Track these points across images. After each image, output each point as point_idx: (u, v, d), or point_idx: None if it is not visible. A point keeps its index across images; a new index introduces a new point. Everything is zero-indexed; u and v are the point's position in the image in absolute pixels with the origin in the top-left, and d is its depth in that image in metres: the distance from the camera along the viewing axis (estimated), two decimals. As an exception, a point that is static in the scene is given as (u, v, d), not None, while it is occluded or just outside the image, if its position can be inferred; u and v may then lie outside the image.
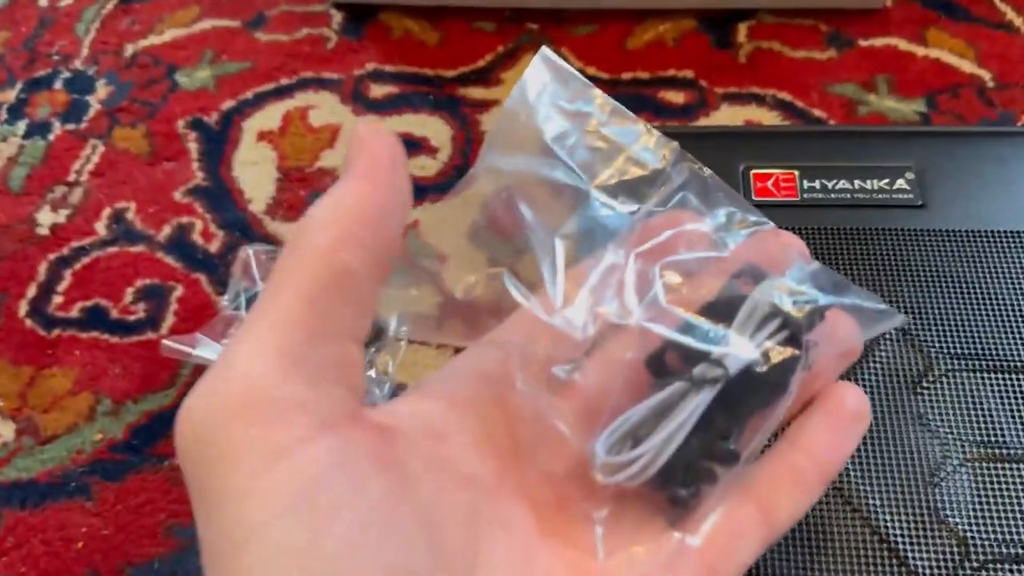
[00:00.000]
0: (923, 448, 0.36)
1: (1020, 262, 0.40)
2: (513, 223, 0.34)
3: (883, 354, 0.38)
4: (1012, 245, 0.41)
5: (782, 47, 0.60)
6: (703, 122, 0.57)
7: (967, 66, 0.58)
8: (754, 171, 0.44)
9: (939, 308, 0.39)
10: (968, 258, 0.41)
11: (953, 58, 0.59)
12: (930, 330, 0.39)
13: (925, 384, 0.37)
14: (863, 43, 0.60)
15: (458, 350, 0.34)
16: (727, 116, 0.57)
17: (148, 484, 0.46)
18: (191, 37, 0.64)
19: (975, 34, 0.60)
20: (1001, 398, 0.37)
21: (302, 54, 0.63)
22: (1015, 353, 0.38)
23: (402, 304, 0.50)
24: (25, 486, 0.46)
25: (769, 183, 0.43)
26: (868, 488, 0.35)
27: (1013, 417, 0.37)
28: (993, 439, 0.36)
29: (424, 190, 0.55)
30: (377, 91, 0.60)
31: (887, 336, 0.38)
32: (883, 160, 0.44)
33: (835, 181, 0.43)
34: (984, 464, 0.36)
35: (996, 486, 0.35)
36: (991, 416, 0.37)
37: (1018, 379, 0.37)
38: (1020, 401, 0.37)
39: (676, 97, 0.58)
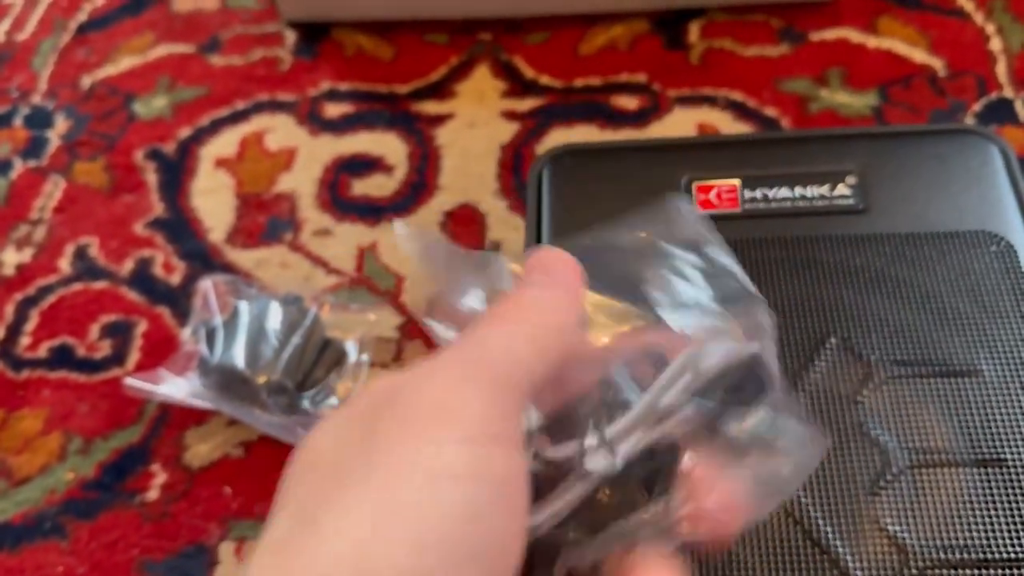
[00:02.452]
0: (863, 457, 0.36)
1: (960, 264, 0.41)
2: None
3: (823, 363, 0.38)
4: (952, 247, 0.41)
5: (734, 45, 0.60)
6: (655, 127, 0.57)
7: (919, 55, 0.58)
8: (696, 183, 0.44)
9: (879, 314, 0.40)
10: (909, 262, 0.41)
11: (905, 47, 0.59)
12: (870, 337, 0.39)
13: (866, 392, 0.38)
14: (815, 36, 0.60)
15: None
16: (680, 119, 0.57)
17: (120, 521, 0.47)
18: (147, 65, 0.64)
19: (927, 21, 0.60)
20: (942, 404, 0.38)
21: (257, 77, 0.63)
22: (956, 358, 0.38)
23: (362, 328, 0.51)
24: (1, 529, 0.47)
25: (711, 195, 0.44)
26: (808, 499, 0.35)
27: (954, 423, 0.37)
28: (934, 445, 0.37)
29: (381, 210, 0.56)
30: (332, 111, 0.61)
31: (827, 345, 0.39)
32: (825, 164, 0.44)
33: (777, 189, 0.43)
34: (924, 471, 0.36)
35: (936, 493, 0.36)
36: (933, 422, 0.37)
37: (959, 384, 0.38)
38: (961, 406, 0.37)
39: (629, 102, 0.58)
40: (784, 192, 0.43)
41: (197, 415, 0.49)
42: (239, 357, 0.47)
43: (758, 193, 0.43)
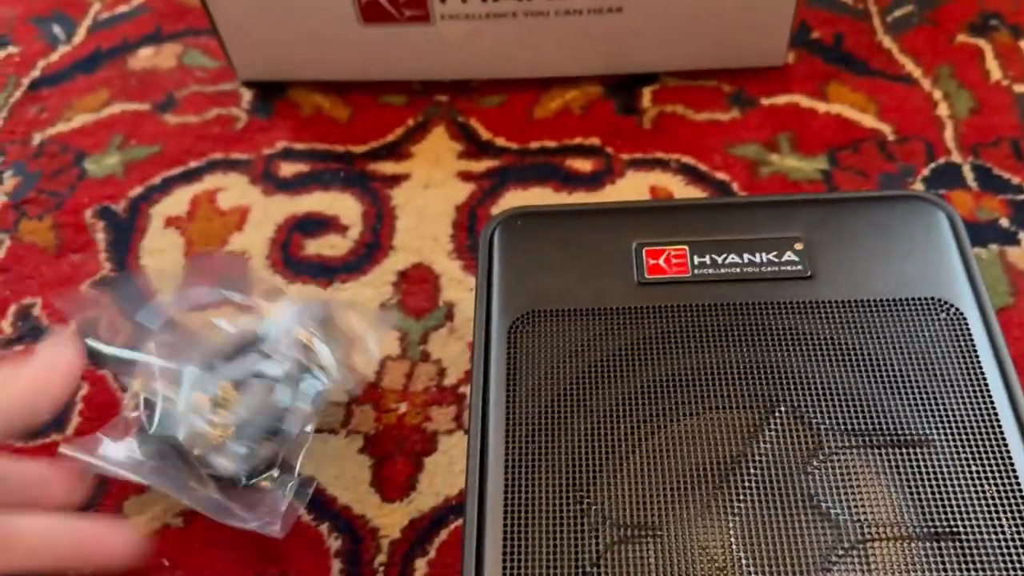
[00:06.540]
0: (814, 530, 0.36)
1: (909, 331, 0.41)
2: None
3: (771, 433, 0.38)
4: (901, 314, 0.41)
5: (685, 110, 0.61)
6: (609, 189, 0.57)
7: (868, 120, 0.59)
8: (646, 248, 0.44)
9: (829, 382, 0.39)
10: (858, 329, 0.41)
11: (854, 112, 0.60)
12: (820, 405, 0.39)
13: (816, 462, 0.37)
14: (765, 101, 0.61)
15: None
16: (633, 182, 0.57)
17: (52, 595, 0.45)
18: (100, 122, 0.64)
19: (875, 87, 0.61)
20: (895, 474, 0.37)
21: (211, 135, 0.62)
22: (907, 427, 0.38)
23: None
24: (-75, 604, 0.45)
25: (661, 260, 0.43)
26: (758, 574, 0.35)
27: (907, 494, 0.37)
28: (886, 518, 0.36)
29: (334, 270, 0.55)
30: (287, 170, 0.60)
31: (776, 414, 0.38)
32: (773, 231, 0.44)
33: (725, 255, 0.43)
34: (878, 545, 0.36)
35: (889, 568, 0.35)
36: (885, 494, 0.37)
37: (911, 454, 0.38)
38: (913, 477, 0.37)
39: (583, 165, 0.59)
40: (732, 258, 0.43)
41: (137, 483, 0.47)
42: (173, 426, 0.45)
43: (707, 259, 0.43)
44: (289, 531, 0.45)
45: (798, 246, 0.43)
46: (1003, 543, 0.35)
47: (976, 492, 0.36)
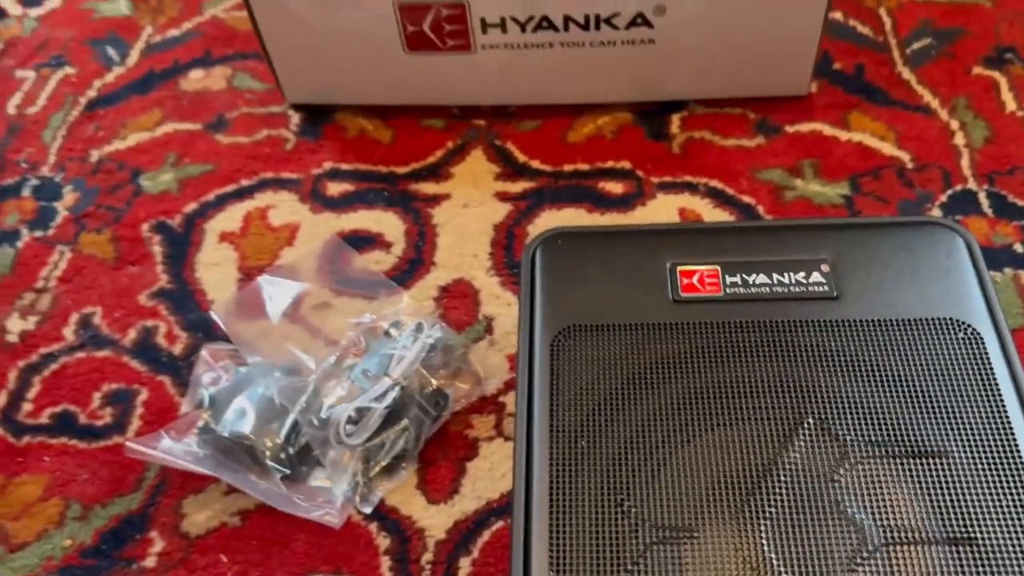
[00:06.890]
0: (840, 535, 0.38)
1: (929, 350, 0.43)
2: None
3: (799, 443, 0.40)
4: (922, 333, 0.44)
5: (713, 136, 0.64)
6: (640, 211, 0.60)
7: (888, 148, 0.62)
8: (680, 268, 0.47)
9: (854, 397, 0.42)
10: (882, 347, 0.43)
11: (874, 141, 0.63)
12: (846, 418, 0.41)
13: (842, 471, 0.40)
14: (789, 129, 0.64)
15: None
16: (662, 204, 0.60)
17: (116, 588, 0.48)
18: (154, 141, 0.67)
19: (894, 117, 0.64)
20: (915, 483, 0.40)
21: (262, 155, 0.65)
22: (927, 439, 0.41)
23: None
24: (-4, 594, 0.48)
25: (694, 279, 0.46)
26: (788, 574, 0.37)
27: (927, 502, 0.39)
28: (908, 524, 0.39)
29: (380, 285, 0.58)
30: (334, 189, 0.63)
31: (805, 425, 0.41)
32: (801, 253, 0.47)
33: (755, 275, 0.46)
34: (898, 549, 0.38)
35: (910, 571, 0.37)
36: (906, 501, 0.39)
37: (931, 464, 0.40)
38: (933, 486, 0.40)
39: (615, 187, 0.62)
40: (763, 278, 0.46)
41: (195, 483, 0.50)
42: (240, 424, 0.48)
43: (738, 278, 0.46)
44: (341, 529, 0.47)
45: (825, 268, 0.46)
46: (1016, 547, 0.37)
47: (991, 500, 0.39)
